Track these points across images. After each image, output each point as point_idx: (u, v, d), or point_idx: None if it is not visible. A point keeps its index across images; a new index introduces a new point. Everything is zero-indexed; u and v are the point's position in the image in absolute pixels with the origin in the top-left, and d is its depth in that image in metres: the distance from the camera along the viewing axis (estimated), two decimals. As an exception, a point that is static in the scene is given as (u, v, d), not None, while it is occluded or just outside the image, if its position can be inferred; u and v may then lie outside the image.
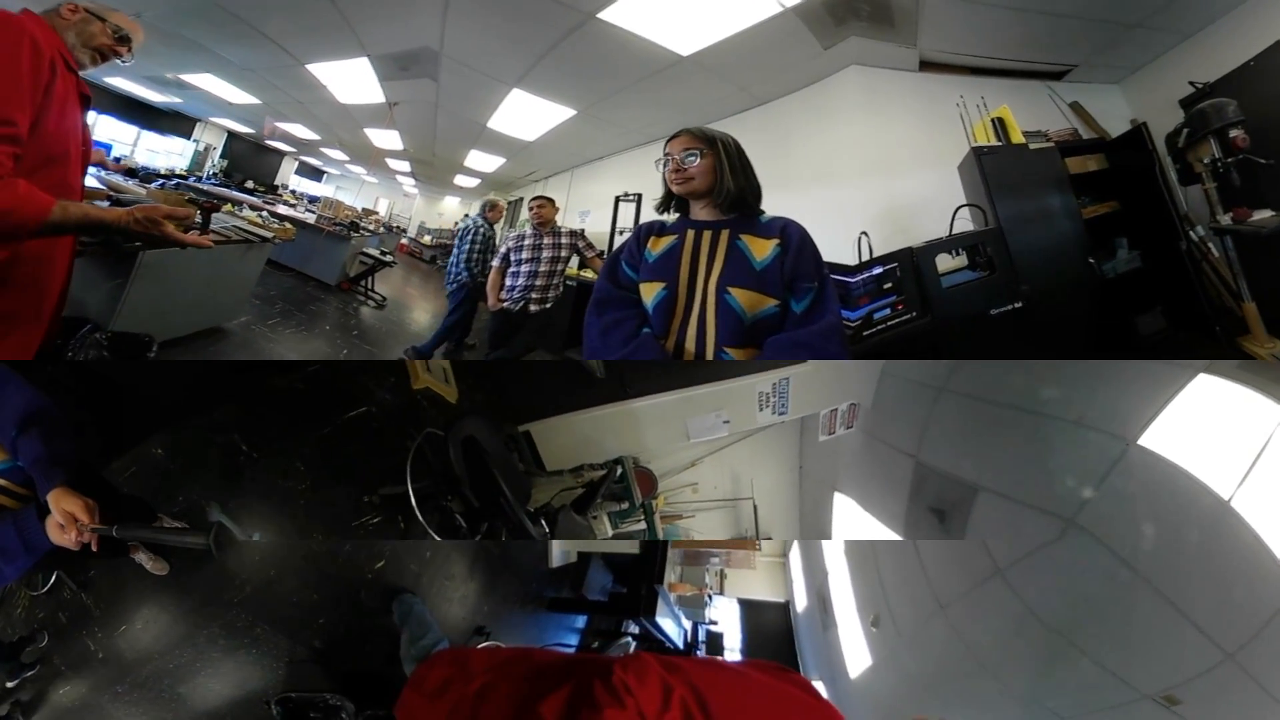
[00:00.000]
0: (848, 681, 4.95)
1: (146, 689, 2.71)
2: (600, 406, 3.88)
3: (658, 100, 6.03)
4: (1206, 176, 4.12)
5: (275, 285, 7.80)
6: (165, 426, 2.93)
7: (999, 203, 4.32)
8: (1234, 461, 2.30)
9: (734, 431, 4.16)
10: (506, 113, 7.29)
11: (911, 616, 4.08)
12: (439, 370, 3.81)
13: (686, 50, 4.97)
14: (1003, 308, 4.15)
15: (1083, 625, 2.70)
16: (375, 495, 3.11)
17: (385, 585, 3.28)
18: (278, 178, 14.67)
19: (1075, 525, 2.66)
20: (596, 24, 4.60)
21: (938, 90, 5.16)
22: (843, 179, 5.17)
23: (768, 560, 8.62)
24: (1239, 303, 4.24)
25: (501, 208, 7.01)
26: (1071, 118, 5.47)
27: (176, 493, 2.84)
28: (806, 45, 4.76)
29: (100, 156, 8.44)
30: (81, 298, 4.04)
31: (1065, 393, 2.91)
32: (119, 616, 2.75)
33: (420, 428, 2.98)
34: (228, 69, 7.73)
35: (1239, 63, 4.36)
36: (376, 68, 6.54)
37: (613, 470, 3.92)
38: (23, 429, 1.85)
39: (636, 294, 2.25)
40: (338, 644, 3.05)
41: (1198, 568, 2.34)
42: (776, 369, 3.81)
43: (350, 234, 9.01)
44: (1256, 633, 2.14)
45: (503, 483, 2.81)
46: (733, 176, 2.13)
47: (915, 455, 3.75)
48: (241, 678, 2.84)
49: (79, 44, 2.25)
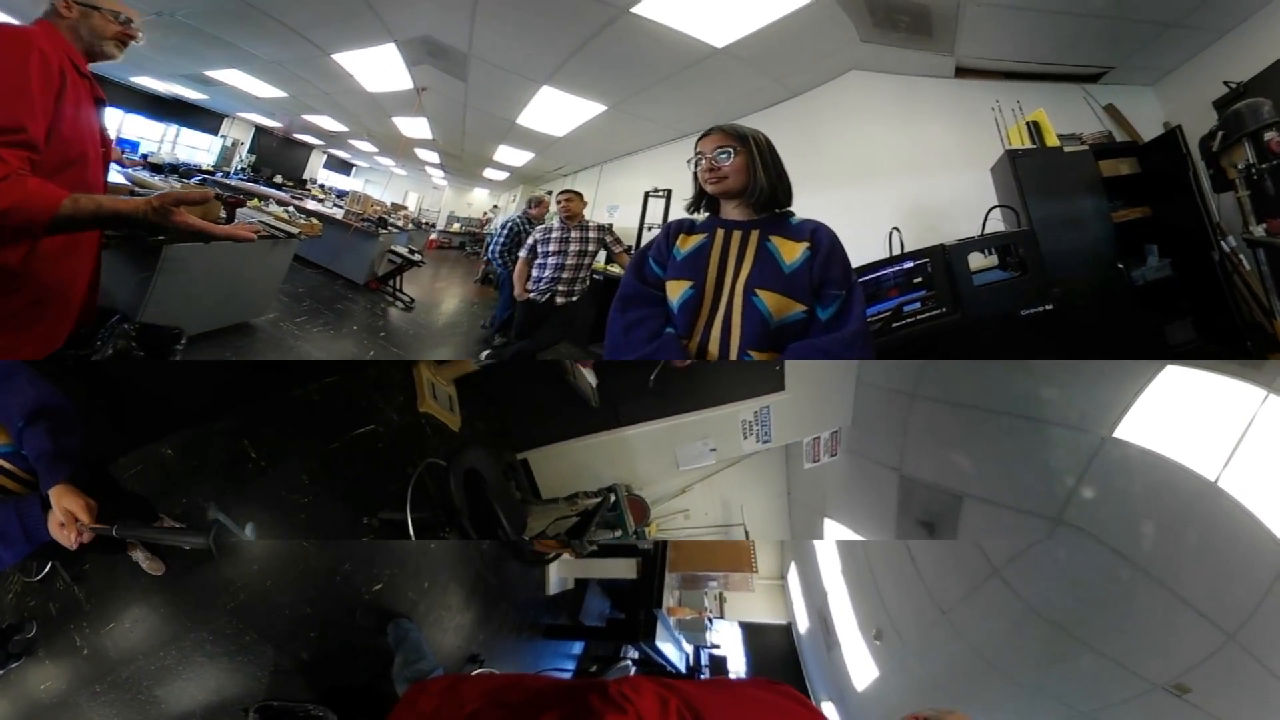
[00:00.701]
0: (856, 697, 4.93)
1: (124, 690, 2.69)
2: (594, 434, 3.92)
3: (690, 94, 6.00)
4: (1240, 183, 3.93)
5: (303, 282, 7.82)
6: (178, 428, 2.93)
7: (1032, 205, 4.28)
8: (1215, 443, 2.30)
9: (721, 459, 4.20)
10: (536, 109, 7.27)
11: (914, 625, 4.08)
12: (444, 397, 3.82)
13: (721, 42, 4.92)
14: (1033, 309, 4.10)
15: (1085, 618, 2.71)
16: (374, 519, 3.08)
17: (381, 608, 3.26)
18: (306, 172, 14.76)
19: (1062, 521, 2.66)
20: (630, 19, 4.58)
21: (973, 95, 5.12)
22: (874, 176, 5.18)
23: (766, 583, 8.55)
24: (1270, 319, 4.11)
25: (546, 203, 6.96)
26: (1105, 120, 5.39)
27: (180, 493, 2.83)
28: (844, 32, 4.71)
29: (117, 155, 8.49)
30: (110, 289, 4.02)
31: (1037, 392, 2.92)
32: (109, 613, 2.74)
33: (423, 451, 3.00)
34: (254, 63, 7.79)
35: (1273, 59, 4.17)
36: (404, 53, 6.51)
37: (606, 498, 3.93)
38: (30, 421, 1.87)
39: (662, 291, 2.23)
40: (326, 658, 3.02)
41: (1189, 551, 2.36)
42: (757, 396, 3.88)
43: (379, 230, 8.94)
44: (1254, 609, 2.14)
45: (501, 515, 2.84)
46: (765, 174, 2.11)
47: (899, 469, 3.76)
48: (222, 684, 2.81)
49: (94, 40, 2.28)
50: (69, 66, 2.06)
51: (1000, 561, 3.08)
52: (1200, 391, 2.50)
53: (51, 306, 2.18)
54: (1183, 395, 2.51)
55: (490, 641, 3.97)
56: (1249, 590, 2.15)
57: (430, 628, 3.48)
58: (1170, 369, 2.57)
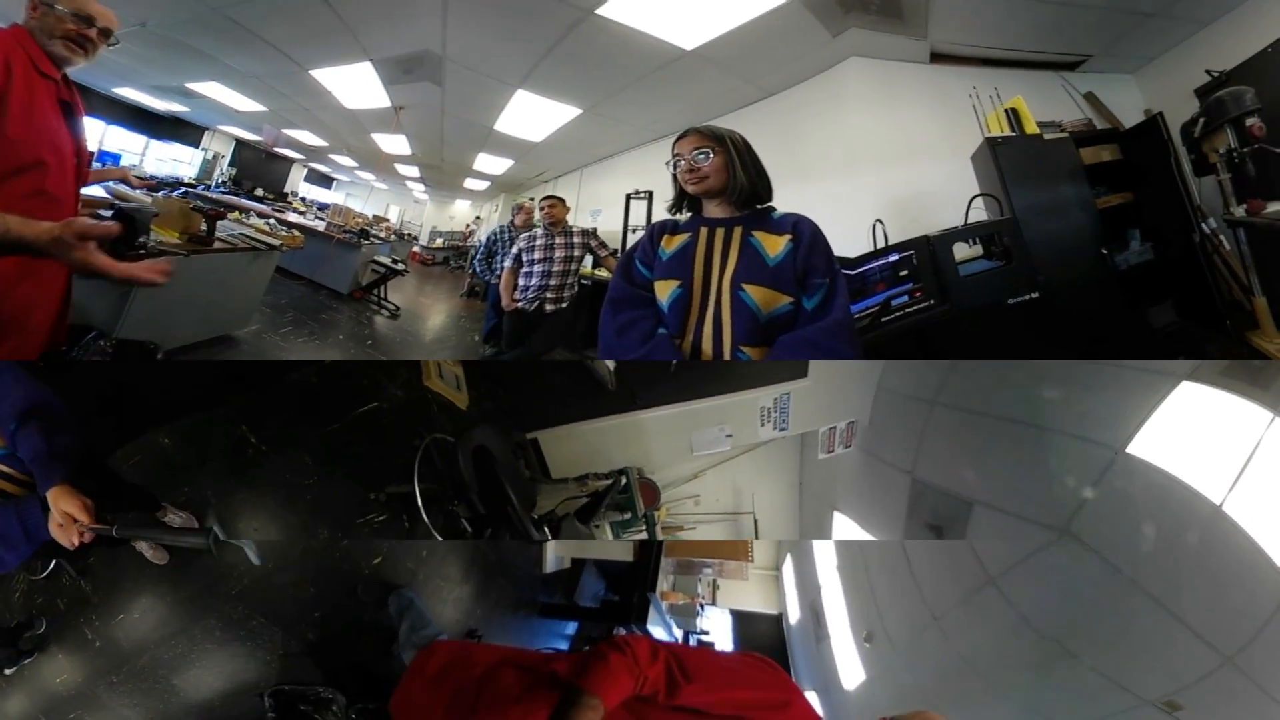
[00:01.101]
0: (842, 693, 4.91)
1: (141, 679, 2.75)
2: (608, 417, 3.89)
3: (664, 96, 5.98)
4: (1221, 167, 4.04)
5: (286, 293, 7.79)
6: (170, 420, 2.94)
7: (1014, 193, 4.28)
8: (1222, 465, 2.28)
9: (736, 445, 4.18)
10: (512, 114, 7.24)
11: (905, 629, 4.05)
12: (450, 376, 3.80)
13: (690, 44, 4.92)
14: (1019, 298, 4.09)
15: (1078, 631, 2.69)
16: (381, 494, 3.13)
17: (382, 581, 3.31)
18: (287, 185, 14.67)
19: (1068, 533, 2.64)
20: (596, 20, 4.56)
21: (949, 82, 5.12)
22: (854, 169, 5.15)
23: (760, 573, 8.54)
24: (1249, 297, 4.20)
25: (528, 209, 6.96)
26: (1085, 108, 5.42)
27: (181, 483, 2.86)
28: (814, 34, 4.72)
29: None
30: (86, 306, 4.04)
31: (1053, 401, 2.89)
32: (116, 605, 2.77)
33: (430, 427, 3.01)
34: (233, 76, 7.72)
35: (1256, 50, 4.28)
36: (380, 72, 6.51)
37: (617, 481, 3.92)
38: (23, 422, 1.83)
39: (651, 292, 2.25)
40: (332, 638, 3.08)
41: (1190, 572, 2.33)
42: (778, 384, 3.83)
43: (361, 241, 8.97)
44: (1253, 636, 2.12)
45: (511, 493, 2.83)
46: (744, 172, 2.14)
47: (911, 471, 3.73)
48: (235, 670, 2.90)
49: (47, 38, 2.22)
50: (21, 65, 2.03)
51: (996, 570, 3.07)
52: (1210, 410, 2.47)
53: (11, 331, 2.14)
54: (1193, 413, 2.49)
55: (488, 617, 4.04)
56: (1250, 614, 2.13)
57: (429, 597, 3.54)
58: (1186, 384, 2.55)
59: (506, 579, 4.36)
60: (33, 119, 2.06)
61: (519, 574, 4.60)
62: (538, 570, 4.86)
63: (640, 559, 5.58)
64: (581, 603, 5.26)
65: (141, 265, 1.73)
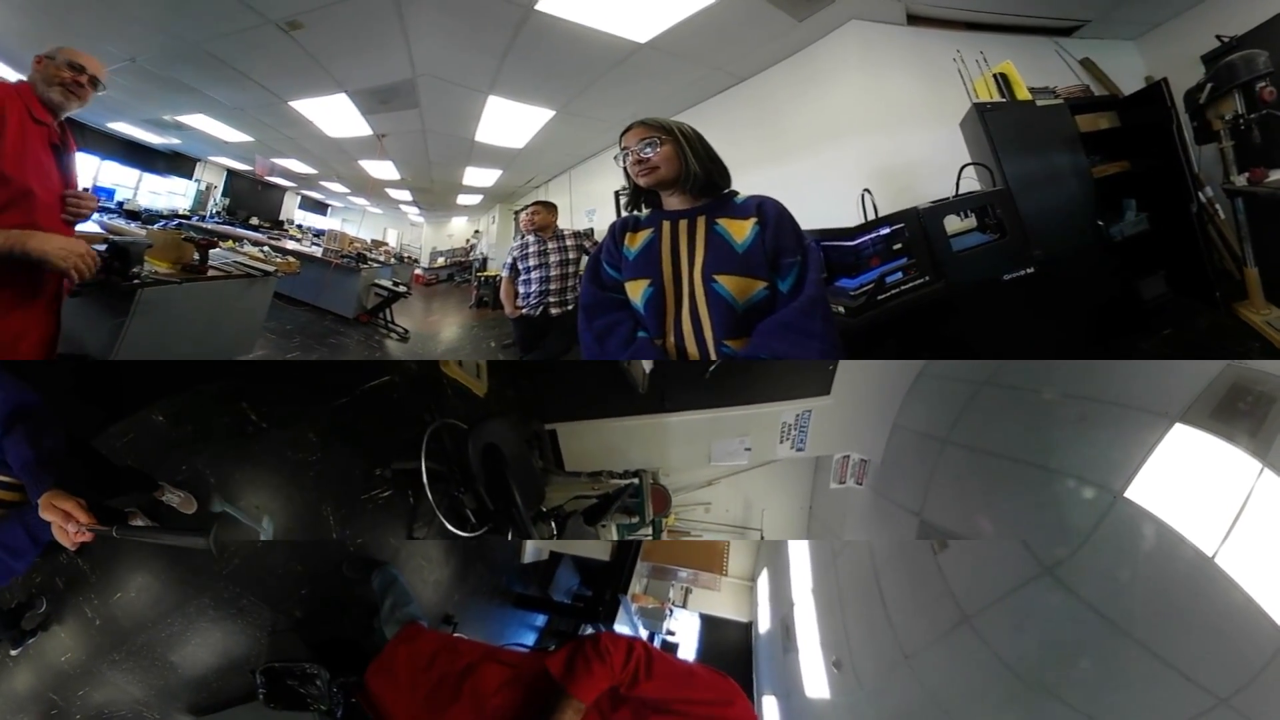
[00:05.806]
0: (801, 699, 4.74)
1: (141, 657, 2.80)
2: (631, 416, 3.83)
3: (633, 90, 5.93)
4: (1225, 134, 4.02)
5: (291, 319, 7.90)
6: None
7: (1006, 162, 4.10)
8: (1214, 516, 2.25)
9: (753, 460, 4.12)
10: (490, 123, 7.25)
11: (874, 663, 3.89)
12: (471, 365, 3.79)
13: (643, 37, 4.86)
14: (1015, 273, 3.95)
15: (1055, 674, 2.60)
16: (387, 469, 3.17)
17: (366, 558, 3.36)
18: (281, 213, 14.70)
19: (1054, 574, 2.61)
20: (539, 17, 4.51)
21: (931, 45, 4.97)
22: (838, 140, 4.99)
23: (735, 583, 8.47)
24: (1241, 267, 4.16)
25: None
26: (1082, 74, 5.32)
27: (179, 461, 2.87)
28: (777, 21, 4.64)
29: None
30: (80, 336, 4.07)
31: (1058, 441, 2.86)
32: (114, 584, 2.81)
33: (442, 407, 3.04)
34: (218, 108, 7.76)
35: (1268, 15, 4.20)
36: (357, 103, 6.58)
37: (630, 485, 3.88)
38: (7, 429, 1.80)
39: (623, 294, 2.19)
40: (317, 614, 3.16)
41: (1179, 622, 2.27)
42: (801, 398, 3.77)
43: (359, 266, 9.03)
44: (1245, 684, 2.05)
45: (517, 494, 2.89)
46: (696, 159, 2.08)
47: (919, 513, 3.66)
48: (228, 647, 2.96)
49: (46, 87, 2.48)
50: (20, 112, 2.29)
51: (972, 609, 2.99)
52: (1204, 458, 2.41)
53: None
54: (1187, 460, 2.45)
55: (465, 603, 4.07)
56: (1238, 668, 2.07)
57: (410, 576, 3.56)
58: (1178, 428, 2.51)
59: (485, 565, 4.39)
60: (25, 159, 2.29)
61: (498, 561, 4.63)
62: (516, 560, 4.90)
63: (616, 559, 5.65)
64: (555, 596, 5.34)
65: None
